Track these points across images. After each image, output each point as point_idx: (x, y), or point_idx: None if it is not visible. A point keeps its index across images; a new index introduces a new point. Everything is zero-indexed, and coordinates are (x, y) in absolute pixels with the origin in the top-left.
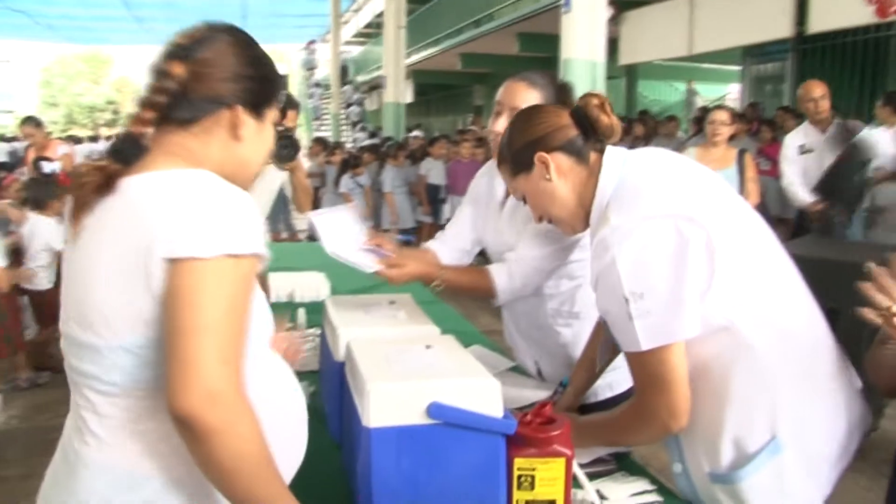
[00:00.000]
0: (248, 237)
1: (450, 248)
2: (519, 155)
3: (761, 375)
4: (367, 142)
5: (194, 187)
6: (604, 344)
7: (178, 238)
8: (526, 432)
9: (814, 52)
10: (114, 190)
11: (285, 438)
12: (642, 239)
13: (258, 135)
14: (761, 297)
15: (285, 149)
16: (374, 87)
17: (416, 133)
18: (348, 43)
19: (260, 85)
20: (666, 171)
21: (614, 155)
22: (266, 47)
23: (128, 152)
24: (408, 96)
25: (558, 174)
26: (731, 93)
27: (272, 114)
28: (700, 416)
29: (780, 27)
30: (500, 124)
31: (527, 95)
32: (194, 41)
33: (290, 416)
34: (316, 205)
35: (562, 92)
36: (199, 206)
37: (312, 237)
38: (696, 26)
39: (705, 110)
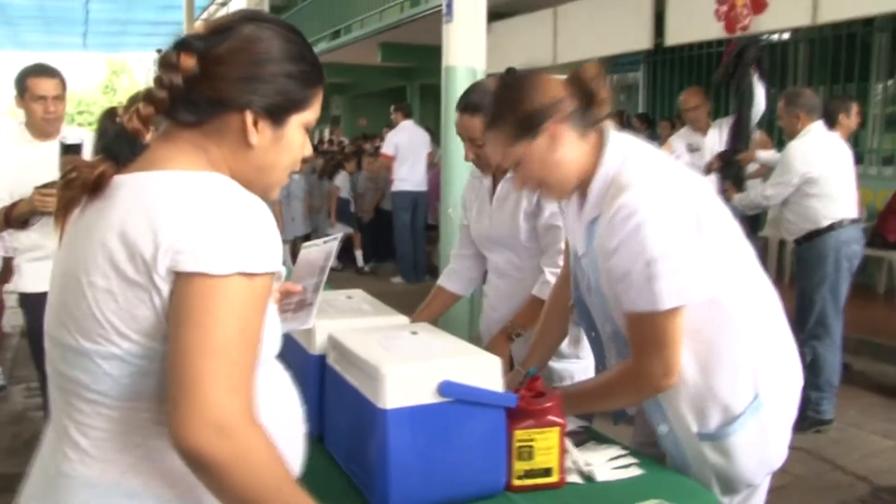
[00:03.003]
0: (265, 254)
1: (459, 280)
2: (523, 123)
3: (745, 343)
4: None
5: (211, 194)
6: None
7: (188, 250)
8: (522, 405)
9: (664, 64)
10: (104, 190)
11: (286, 450)
12: (668, 204)
13: (276, 143)
14: (740, 273)
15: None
16: None
17: None
18: None
19: (280, 88)
20: (665, 156)
21: (619, 135)
22: (111, 57)
23: (121, 151)
24: None
25: (563, 145)
26: None
27: (302, 119)
28: (688, 382)
29: (640, 39)
30: (472, 152)
31: (471, 122)
32: (215, 31)
33: (290, 430)
34: None
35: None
36: (214, 217)
37: None
38: (559, 37)
39: None
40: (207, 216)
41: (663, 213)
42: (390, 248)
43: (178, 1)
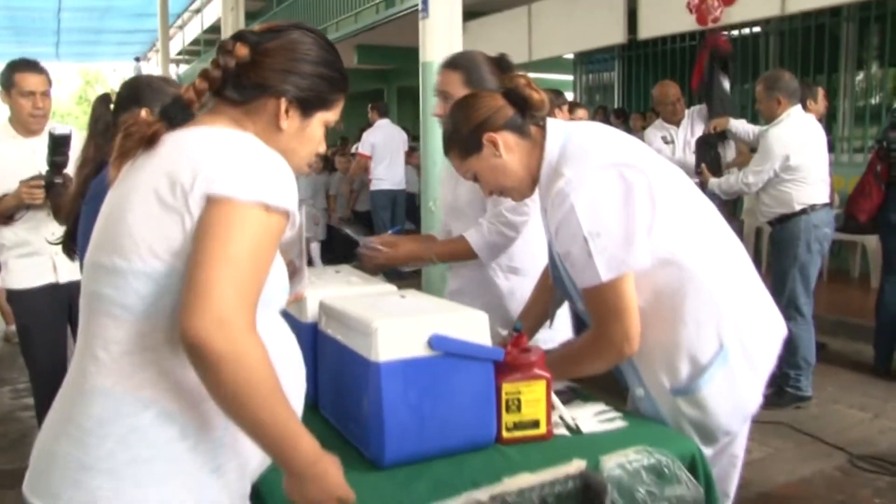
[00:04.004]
0: (284, 194)
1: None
2: (467, 139)
3: (707, 297)
4: None
5: (244, 142)
6: (551, 294)
7: (220, 177)
8: (509, 359)
9: (638, 59)
10: (156, 144)
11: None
12: (594, 186)
13: (301, 132)
14: (696, 232)
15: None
16: None
17: None
18: (173, 60)
19: (313, 85)
20: (604, 132)
21: (556, 125)
22: (84, 67)
23: (175, 114)
24: None
25: (506, 150)
26: None
27: (324, 118)
28: (657, 341)
29: (613, 34)
30: (441, 108)
31: (451, 77)
32: (268, 30)
33: (291, 376)
34: None
35: (500, 64)
36: (243, 155)
37: None
38: (534, 34)
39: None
40: (240, 155)
41: (590, 194)
42: None
43: (151, 9)
